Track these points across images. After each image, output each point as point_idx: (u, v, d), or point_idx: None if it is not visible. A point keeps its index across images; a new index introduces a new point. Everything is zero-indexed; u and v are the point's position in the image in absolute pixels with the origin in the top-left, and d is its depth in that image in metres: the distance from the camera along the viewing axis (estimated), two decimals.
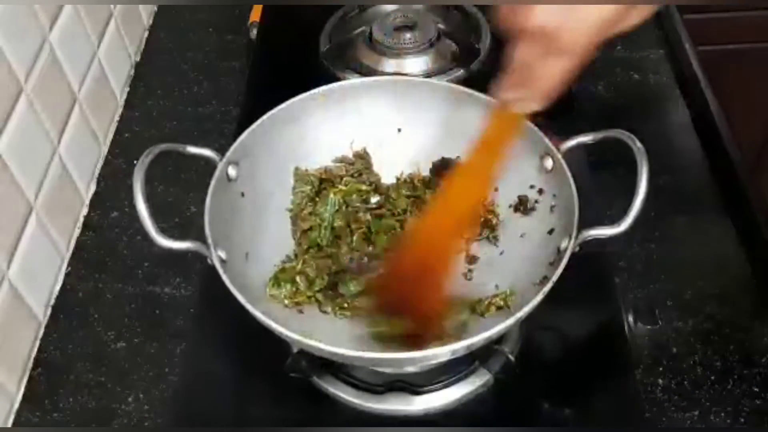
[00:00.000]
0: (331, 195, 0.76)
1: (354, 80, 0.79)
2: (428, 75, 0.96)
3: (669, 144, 0.93)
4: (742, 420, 0.69)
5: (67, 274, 0.84)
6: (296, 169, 0.78)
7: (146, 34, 1.13)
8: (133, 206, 0.62)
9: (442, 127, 0.77)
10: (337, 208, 0.76)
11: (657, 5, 0.58)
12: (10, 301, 0.74)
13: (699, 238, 0.83)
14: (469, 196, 0.66)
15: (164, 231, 0.62)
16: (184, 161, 0.91)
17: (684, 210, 0.86)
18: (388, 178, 0.81)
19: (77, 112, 0.90)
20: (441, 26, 1.01)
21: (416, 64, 0.98)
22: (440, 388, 0.70)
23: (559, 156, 0.68)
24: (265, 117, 0.73)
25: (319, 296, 0.71)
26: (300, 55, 1.04)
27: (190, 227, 0.87)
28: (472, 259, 0.74)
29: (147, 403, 0.73)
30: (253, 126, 0.72)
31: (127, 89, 1.05)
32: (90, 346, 0.78)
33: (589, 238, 0.62)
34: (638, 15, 0.53)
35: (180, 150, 0.68)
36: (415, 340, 0.62)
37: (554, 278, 0.59)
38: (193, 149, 0.68)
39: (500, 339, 0.70)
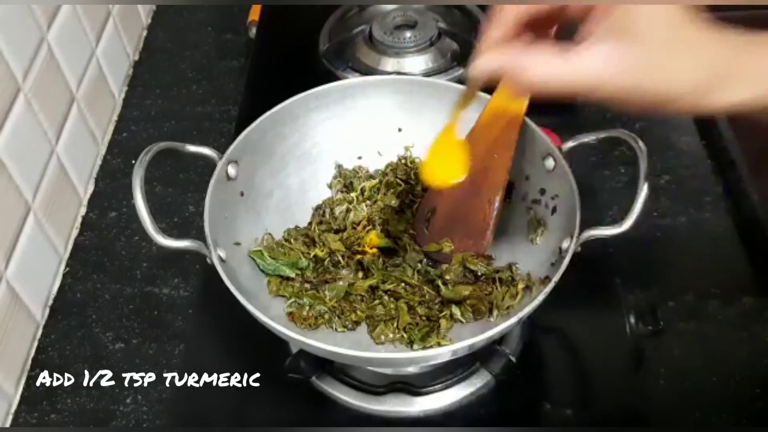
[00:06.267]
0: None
1: (354, 79, 0.78)
2: (428, 74, 0.96)
3: (670, 144, 0.93)
4: (744, 422, 0.69)
5: (65, 275, 0.84)
6: (339, 167, 0.79)
7: (145, 33, 1.13)
8: (131, 206, 0.61)
9: (442, 127, 0.77)
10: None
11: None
12: (7, 302, 0.73)
13: (700, 238, 0.83)
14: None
15: (163, 231, 0.61)
16: (183, 162, 0.91)
17: (685, 210, 0.86)
18: None
19: (75, 112, 0.89)
20: (441, 25, 1.01)
21: (416, 63, 0.97)
22: (441, 389, 0.70)
23: (561, 156, 0.67)
24: (264, 116, 0.73)
25: (327, 317, 0.69)
26: (299, 55, 1.04)
27: (189, 227, 0.86)
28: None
29: (145, 405, 0.73)
30: (253, 125, 0.72)
31: (125, 89, 1.05)
32: (88, 347, 0.78)
33: (591, 238, 0.62)
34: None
35: (179, 148, 0.67)
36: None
37: (556, 278, 0.59)
38: (192, 148, 0.68)
39: (501, 339, 0.70)
